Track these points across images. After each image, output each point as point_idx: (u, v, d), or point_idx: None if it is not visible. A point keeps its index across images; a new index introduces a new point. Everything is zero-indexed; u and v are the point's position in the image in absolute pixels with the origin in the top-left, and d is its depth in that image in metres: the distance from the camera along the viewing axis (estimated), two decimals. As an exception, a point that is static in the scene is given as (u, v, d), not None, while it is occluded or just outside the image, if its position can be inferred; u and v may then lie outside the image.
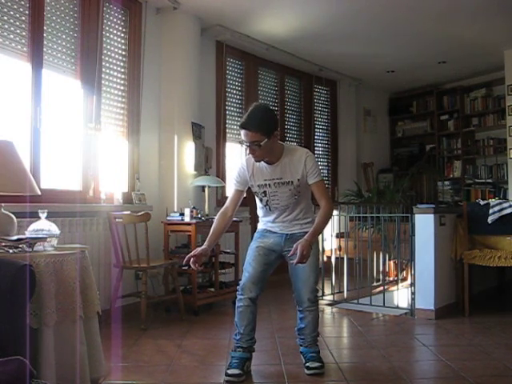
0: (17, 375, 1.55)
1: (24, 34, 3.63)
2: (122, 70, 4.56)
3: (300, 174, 2.81)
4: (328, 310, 4.59)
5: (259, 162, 2.79)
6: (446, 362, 2.99)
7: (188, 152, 4.89)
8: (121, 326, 3.73)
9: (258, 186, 2.85)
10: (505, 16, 5.05)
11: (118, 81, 4.52)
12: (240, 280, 2.91)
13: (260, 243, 2.91)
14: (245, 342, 2.83)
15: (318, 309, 2.93)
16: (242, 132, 2.69)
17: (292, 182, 2.81)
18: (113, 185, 4.42)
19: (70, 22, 4.03)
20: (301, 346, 2.96)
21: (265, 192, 2.85)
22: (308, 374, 2.80)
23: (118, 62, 4.52)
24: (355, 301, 4.62)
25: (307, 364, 2.84)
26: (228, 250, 4.88)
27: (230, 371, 2.72)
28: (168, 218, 4.51)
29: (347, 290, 4.84)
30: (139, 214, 3.91)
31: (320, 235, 4.99)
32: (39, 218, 2.64)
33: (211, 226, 2.87)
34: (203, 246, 2.73)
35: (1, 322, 1.84)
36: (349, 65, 6.80)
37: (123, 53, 4.57)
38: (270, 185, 2.83)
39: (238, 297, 2.85)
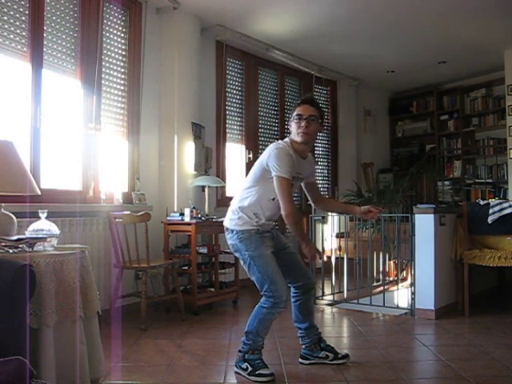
0: (17, 375, 1.55)
1: (24, 34, 3.64)
2: (122, 70, 4.56)
3: (307, 173, 2.90)
4: (328, 309, 4.59)
5: (305, 141, 2.74)
6: (445, 362, 2.99)
7: (188, 152, 4.89)
8: (121, 325, 3.72)
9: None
10: (504, 16, 5.05)
11: (118, 81, 4.52)
12: (269, 291, 2.73)
13: (270, 248, 2.78)
14: (263, 345, 2.85)
15: None
16: (302, 107, 2.75)
17: (303, 179, 2.90)
18: (113, 185, 4.42)
19: (70, 22, 4.04)
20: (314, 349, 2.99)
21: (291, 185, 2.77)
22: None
23: (118, 62, 4.52)
24: (355, 301, 4.61)
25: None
26: (228, 250, 4.86)
27: (267, 371, 2.70)
28: (168, 218, 4.51)
29: (347, 290, 4.84)
30: (139, 214, 3.91)
31: (320, 235, 5.02)
32: (39, 218, 2.64)
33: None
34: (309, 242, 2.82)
35: (1, 322, 1.83)
36: (349, 65, 6.80)
37: (123, 53, 4.57)
38: (296, 178, 2.79)
39: (278, 309, 2.75)
